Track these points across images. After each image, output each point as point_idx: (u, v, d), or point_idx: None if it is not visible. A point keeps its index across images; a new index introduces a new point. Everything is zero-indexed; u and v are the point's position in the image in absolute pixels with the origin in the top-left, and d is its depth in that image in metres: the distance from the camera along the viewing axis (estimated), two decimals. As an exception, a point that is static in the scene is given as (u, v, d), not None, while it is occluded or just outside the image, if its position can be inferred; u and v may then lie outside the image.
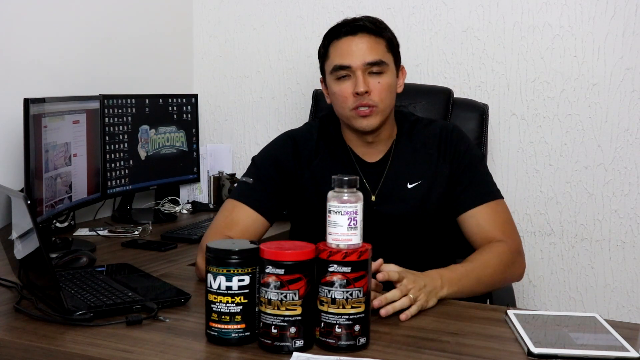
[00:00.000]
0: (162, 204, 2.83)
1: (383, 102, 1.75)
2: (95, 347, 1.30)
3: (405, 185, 1.81)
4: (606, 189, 2.52)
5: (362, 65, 1.73)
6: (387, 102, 1.76)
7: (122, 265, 1.86)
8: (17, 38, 2.32)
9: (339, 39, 1.77)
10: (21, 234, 1.51)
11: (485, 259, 1.68)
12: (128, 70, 2.78)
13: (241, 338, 1.29)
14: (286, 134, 1.91)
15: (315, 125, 1.91)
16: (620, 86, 2.47)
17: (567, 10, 2.52)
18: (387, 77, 1.75)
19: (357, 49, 1.74)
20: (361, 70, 1.73)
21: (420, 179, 1.81)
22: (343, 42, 1.76)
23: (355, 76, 1.73)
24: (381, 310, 1.43)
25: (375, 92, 1.73)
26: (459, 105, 2.29)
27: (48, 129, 2.05)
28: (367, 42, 1.74)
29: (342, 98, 1.75)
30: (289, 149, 1.85)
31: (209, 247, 1.30)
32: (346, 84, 1.74)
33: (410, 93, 2.27)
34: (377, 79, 1.74)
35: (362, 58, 1.73)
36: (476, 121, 2.24)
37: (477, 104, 2.31)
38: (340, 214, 1.28)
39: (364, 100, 1.72)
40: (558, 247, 2.60)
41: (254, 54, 3.03)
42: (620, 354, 1.25)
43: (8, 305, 1.53)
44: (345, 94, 1.74)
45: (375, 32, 1.76)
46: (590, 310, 2.54)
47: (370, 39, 1.75)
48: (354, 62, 1.73)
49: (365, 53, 1.73)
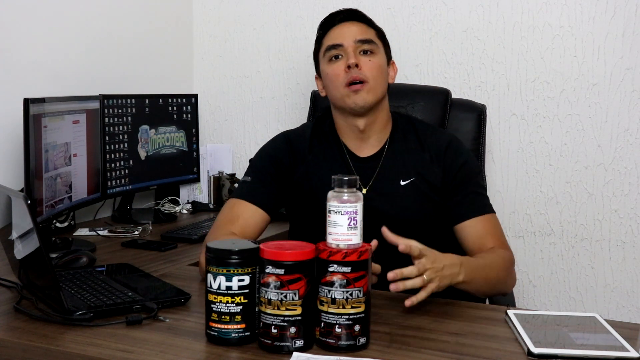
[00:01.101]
0: (162, 204, 2.83)
1: (374, 80, 1.78)
2: (95, 347, 1.30)
3: (398, 182, 1.83)
4: (606, 189, 2.52)
5: (353, 42, 1.80)
6: (378, 80, 1.80)
7: (122, 265, 1.86)
8: (17, 38, 2.32)
9: (331, 28, 1.85)
10: (21, 234, 1.51)
11: (493, 259, 1.69)
12: (128, 70, 2.78)
13: (241, 338, 1.29)
14: (281, 134, 1.96)
15: (309, 125, 1.96)
16: (620, 86, 2.47)
17: (567, 10, 2.52)
18: (377, 58, 1.81)
19: (349, 30, 1.82)
20: (352, 48, 1.79)
21: (413, 177, 1.83)
22: (335, 29, 1.84)
23: (347, 54, 1.79)
24: (391, 285, 1.42)
25: (366, 67, 1.78)
26: (457, 106, 2.28)
27: (48, 129, 2.05)
28: (358, 25, 1.83)
29: (334, 76, 1.80)
30: (284, 146, 1.89)
31: (209, 247, 1.30)
32: (338, 63, 1.80)
33: (408, 94, 2.27)
34: (367, 57, 1.80)
35: (353, 36, 1.81)
36: (474, 121, 2.23)
37: (475, 104, 2.30)
38: (340, 214, 1.28)
39: (355, 74, 1.77)
40: (558, 247, 2.60)
41: (254, 54, 3.03)
42: (620, 354, 1.25)
43: (8, 305, 1.53)
44: (338, 71, 1.79)
45: (366, 21, 1.86)
46: (590, 310, 2.54)
47: (361, 25, 1.84)
48: (346, 40, 1.80)
49: (356, 33, 1.81)
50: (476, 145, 2.21)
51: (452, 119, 2.25)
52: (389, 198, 1.81)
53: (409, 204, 1.82)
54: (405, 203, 1.82)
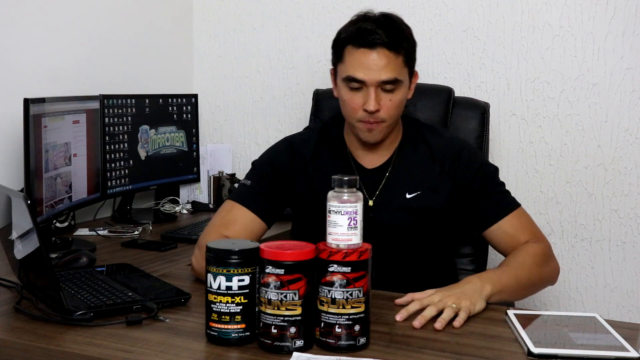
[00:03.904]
0: (162, 204, 2.83)
1: (391, 118, 1.74)
2: (95, 347, 1.30)
3: (404, 195, 1.79)
4: (606, 189, 2.52)
5: (376, 82, 1.69)
6: (395, 117, 1.76)
7: (122, 265, 1.86)
8: (17, 38, 2.32)
9: (356, 47, 1.70)
10: (21, 234, 1.51)
11: (519, 259, 1.66)
12: (128, 70, 2.78)
13: (241, 338, 1.29)
14: (285, 139, 1.91)
15: (316, 128, 1.91)
16: (620, 86, 2.47)
17: (567, 10, 2.52)
18: (399, 94, 1.72)
19: (374, 64, 1.68)
20: (374, 87, 1.69)
21: (419, 190, 1.79)
22: (360, 54, 1.69)
23: (368, 92, 1.69)
24: (414, 322, 1.42)
25: (385, 109, 1.71)
26: (460, 104, 2.27)
27: (48, 129, 2.05)
28: (384, 59, 1.68)
29: (350, 108, 1.73)
30: (286, 153, 1.85)
31: (209, 247, 1.30)
32: (357, 95, 1.71)
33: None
34: (389, 96, 1.71)
35: (378, 75, 1.68)
36: (477, 120, 2.22)
37: (478, 102, 2.29)
38: (340, 214, 1.28)
39: (372, 117, 1.71)
40: (558, 247, 2.60)
41: (254, 54, 3.03)
42: (620, 354, 1.25)
43: (8, 305, 1.53)
44: (355, 106, 1.72)
45: (393, 47, 1.70)
46: (590, 310, 2.54)
47: (389, 55, 1.69)
48: (369, 78, 1.68)
49: (381, 71, 1.68)
50: (479, 144, 2.20)
51: (455, 117, 2.23)
52: (394, 211, 1.78)
53: (413, 217, 1.79)
54: (410, 217, 1.79)
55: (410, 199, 1.79)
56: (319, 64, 2.91)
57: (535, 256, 1.69)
